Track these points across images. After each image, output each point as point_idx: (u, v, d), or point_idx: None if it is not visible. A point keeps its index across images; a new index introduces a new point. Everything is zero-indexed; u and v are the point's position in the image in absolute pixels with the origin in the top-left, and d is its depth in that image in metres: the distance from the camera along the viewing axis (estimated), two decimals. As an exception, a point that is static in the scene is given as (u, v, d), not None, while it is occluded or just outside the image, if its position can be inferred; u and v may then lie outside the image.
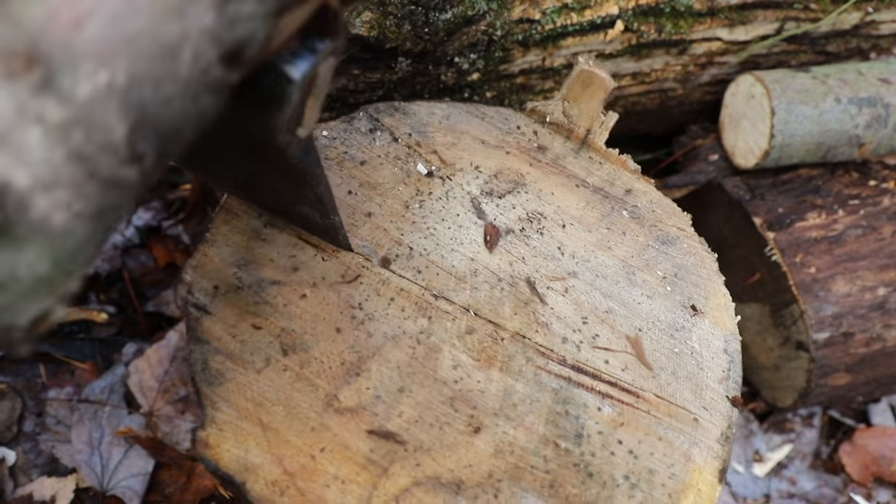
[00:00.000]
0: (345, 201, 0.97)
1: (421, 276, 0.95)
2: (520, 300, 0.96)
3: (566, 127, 1.11)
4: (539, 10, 1.30)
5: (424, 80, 1.33)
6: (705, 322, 1.00)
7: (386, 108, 1.07)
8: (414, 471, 0.83)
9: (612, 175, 1.10)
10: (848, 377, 1.47)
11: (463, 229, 0.99)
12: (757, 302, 1.55)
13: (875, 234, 1.46)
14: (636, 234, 1.05)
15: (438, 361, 0.90)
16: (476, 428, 0.87)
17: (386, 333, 0.90)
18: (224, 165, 0.85)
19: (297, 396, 0.85)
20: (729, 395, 0.96)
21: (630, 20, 1.37)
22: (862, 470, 1.64)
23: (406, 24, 1.18)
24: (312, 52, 0.63)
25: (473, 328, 0.93)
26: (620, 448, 0.89)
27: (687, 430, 0.92)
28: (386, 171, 1.02)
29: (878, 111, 1.45)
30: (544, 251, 1.00)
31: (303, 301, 0.90)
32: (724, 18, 1.44)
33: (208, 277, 0.90)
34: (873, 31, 1.57)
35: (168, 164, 0.56)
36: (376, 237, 0.96)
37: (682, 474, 0.89)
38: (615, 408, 0.91)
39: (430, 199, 1.01)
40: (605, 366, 0.94)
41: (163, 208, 1.66)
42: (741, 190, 1.53)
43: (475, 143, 1.07)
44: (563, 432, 0.89)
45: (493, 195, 1.03)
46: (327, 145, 1.01)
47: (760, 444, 1.69)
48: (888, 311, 1.43)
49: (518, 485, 0.85)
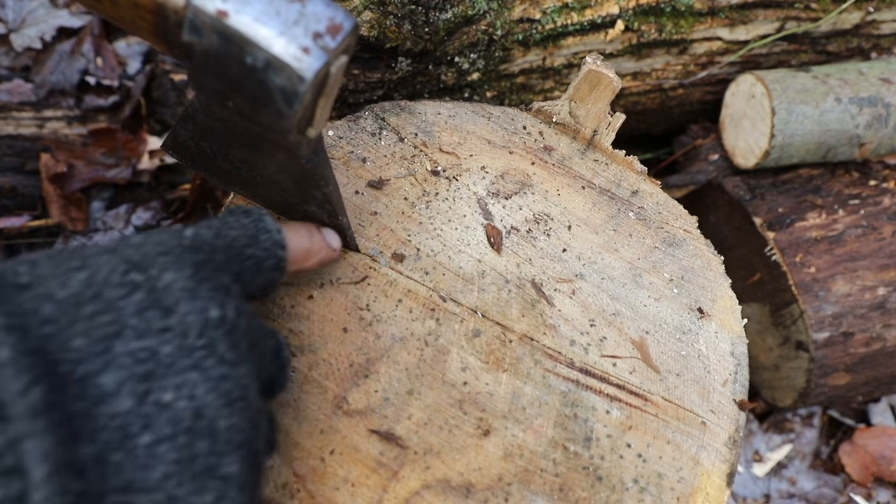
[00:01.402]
0: (351, 201, 0.97)
1: (428, 278, 0.94)
2: (527, 302, 0.95)
3: (572, 127, 1.10)
4: (539, 9, 1.30)
5: (424, 79, 1.32)
6: (712, 325, 1.00)
7: (392, 108, 1.06)
8: (423, 474, 0.83)
9: (618, 176, 1.09)
10: (848, 377, 1.47)
11: (470, 230, 0.99)
12: (757, 302, 1.55)
13: (875, 234, 1.46)
14: (643, 236, 1.05)
15: (447, 363, 0.89)
16: (485, 431, 0.86)
17: (394, 335, 0.89)
18: (232, 164, 0.84)
19: (306, 398, 0.84)
20: (736, 399, 0.95)
21: (630, 20, 1.36)
22: (862, 470, 1.65)
23: (406, 24, 1.17)
24: (324, 50, 0.63)
25: (481, 330, 0.92)
26: (629, 451, 0.89)
27: (695, 433, 0.91)
28: (392, 170, 1.01)
29: (879, 111, 1.45)
30: (551, 253, 1.00)
31: (310, 302, 0.90)
32: (724, 18, 1.43)
33: None
34: (874, 31, 1.57)
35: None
36: (383, 238, 0.95)
37: (691, 478, 0.89)
38: (623, 411, 0.91)
39: (436, 200, 1.00)
40: (613, 368, 0.93)
41: (162, 208, 1.65)
42: (741, 190, 1.53)
43: (481, 143, 1.06)
44: (572, 435, 0.88)
45: (499, 196, 1.02)
46: (333, 145, 1.01)
47: (760, 444, 1.69)
48: (888, 310, 1.43)
49: (528, 488, 0.84)
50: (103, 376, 0.55)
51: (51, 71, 1.65)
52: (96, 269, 0.59)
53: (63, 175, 1.57)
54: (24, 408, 0.49)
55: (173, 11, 0.63)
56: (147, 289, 0.60)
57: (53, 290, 0.57)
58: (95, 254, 0.61)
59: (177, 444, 0.56)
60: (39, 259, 0.60)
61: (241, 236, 0.72)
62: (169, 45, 0.68)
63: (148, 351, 0.57)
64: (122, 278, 0.60)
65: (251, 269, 0.72)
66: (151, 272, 0.61)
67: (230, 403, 0.60)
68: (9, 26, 1.66)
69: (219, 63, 0.63)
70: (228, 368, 0.60)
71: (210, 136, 0.81)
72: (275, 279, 0.76)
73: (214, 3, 0.60)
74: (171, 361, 0.58)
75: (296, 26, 0.62)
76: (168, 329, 0.59)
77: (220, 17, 0.60)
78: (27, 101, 1.62)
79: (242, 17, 0.60)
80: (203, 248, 0.67)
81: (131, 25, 0.69)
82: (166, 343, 0.58)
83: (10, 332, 0.51)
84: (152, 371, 0.57)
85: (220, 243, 0.70)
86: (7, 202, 1.59)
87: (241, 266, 0.71)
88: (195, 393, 0.58)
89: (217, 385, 0.59)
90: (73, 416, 0.53)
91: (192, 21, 0.61)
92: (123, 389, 0.55)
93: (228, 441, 0.59)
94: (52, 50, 1.67)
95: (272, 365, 0.73)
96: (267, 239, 0.74)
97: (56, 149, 1.59)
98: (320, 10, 0.63)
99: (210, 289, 0.63)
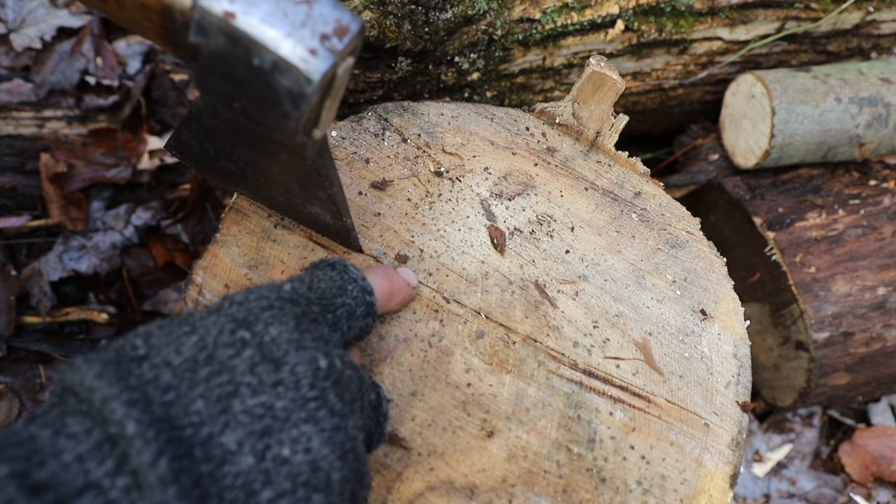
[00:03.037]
0: (355, 202, 0.96)
1: (432, 279, 0.94)
2: (531, 303, 0.95)
3: (575, 129, 1.10)
4: (539, 9, 1.29)
5: (424, 79, 1.32)
6: (715, 326, 1.00)
7: (395, 109, 1.06)
8: (427, 475, 0.83)
9: (621, 178, 1.09)
10: (848, 377, 1.47)
11: (473, 231, 0.98)
12: (757, 302, 1.55)
13: (875, 234, 1.46)
14: (645, 238, 1.04)
15: (450, 365, 0.89)
16: (489, 432, 0.86)
17: (398, 336, 0.89)
18: (236, 165, 0.84)
19: None
20: (739, 400, 0.95)
21: (630, 20, 1.36)
22: (862, 470, 1.65)
23: (406, 24, 1.17)
24: (331, 52, 0.63)
25: (485, 332, 0.92)
26: (633, 453, 0.89)
27: (698, 435, 0.91)
28: (395, 171, 1.01)
29: (879, 111, 1.45)
30: (554, 254, 1.00)
31: None
32: (724, 18, 1.43)
33: (218, 278, 0.89)
34: (874, 31, 1.57)
35: None
36: (387, 239, 0.95)
37: (694, 480, 0.89)
38: (627, 413, 0.91)
39: (439, 201, 1.00)
40: (617, 370, 0.93)
41: (162, 208, 1.64)
42: (741, 190, 1.53)
43: (484, 144, 1.06)
44: (576, 437, 0.88)
45: (502, 197, 1.02)
46: (336, 145, 1.00)
47: (760, 443, 1.69)
48: (888, 310, 1.43)
49: (531, 489, 0.84)
50: (225, 436, 0.57)
51: (51, 71, 1.64)
52: (206, 331, 0.62)
53: (63, 175, 1.57)
54: (155, 478, 0.52)
55: (180, 13, 0.63)
56: (256, 345, 0.62)
57: (170, 358, 0.60)
58: (202, 317, 0.64)
59: (296, 498, 0.58)
60: (152, 329, 0.62)
61: (331, 287, 0.75)
62: (175, 46, 0.68)
63: (263, 406, 0.60)
64: (231, 337, 0.62)
65: (345, 318, 0.75)
66: (257, 328, 0.64)
67: (343, 455, 0.61)
68: (9, 26, 1.66)
69: (225, 64, 0.63)
70: (339, 419, 0.62)
71: (214, 136, 0.81)
72: (368, 325, 0.79)
73: (221, 5, 0.60)
74: (287, 415, 0.60)
75: (303, 28, 0.62)
76: (280, 382, 0.61)
77: (227, 18, 0.60)
78: (27, 101, 1.61)
79: (249, 19, 0.60)
80: (300, 301, 0.69)
81: (137, 26, 0.68)
82: (280, 397, 0.60)
83: (134, 406, 0.54)
84: (270, 426, 0.59)
85: (314, 295, 0.72)
86: (7, 202, 1.59)
87: (336, 315, 0.74)
88: (311, 446, 0.60)
89: (331, 437, 0.61)
90: (201, 478, 0.55)
91: (198, 22, 0.61)
92: (245, 447, 0.57)
93: (342, 493, 0.61)
94: (52, 50, 1.66)
95: (370, 419, 0.75)
96: (354, 288, 0.77)
97: (56, 149, 1.58)
98: (327, 11, 0.63)
99: (313, 339, 0.66)
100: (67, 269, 1.55)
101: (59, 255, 1.55)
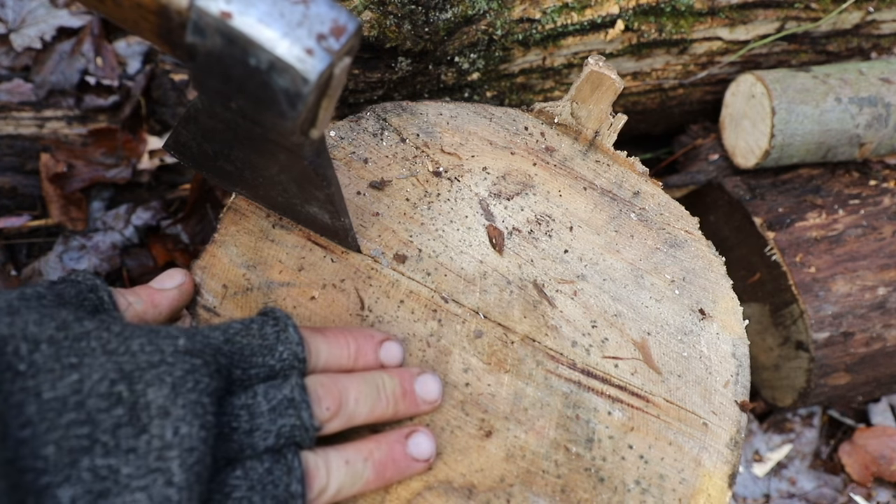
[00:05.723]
0: (353, 202, 0.97)
1: (430, 279, 0.94)
2: (529, 303, 0.95)
3: (574, 128, 1.10)
4: (539, 9, 1.29)
5: (424, 79, 1.32)
6: (713, 326, 1.00)
7: (393, 108, 1.06)
8: (426, 475, 0.83)
9: (619, 177, 1.09)
10: (848, 377, 1.47)
11: (472, 231, 0.99)
12: (757, 302, 1.55)
13: (875, 234, 1.46)
14: (644, 237, 1.04)
15: (449, 365, 0.89)
16: (487, 432, 0.86)
17: (396, 336, 0.89)
18: (234, 165, 0.84)
19: None
20: (737, 400, 0.95)
21: (630, 20, 1.36)
22: (862, 470, 1.65)
23: (406, 24, 1.17)
24: (328, 52, 0.63)
25: (483, 331, 0.92)
26: (631, 453, 0.89)
27: (697, 434, 0.91)
28: (394, 171, 1.01)
29: (879, 111, 1.45)
30: (553, 254, 1.00)
31: (312, 303, 0.90)
32: (724, 18, 1.43)
33: (217, 278, 0.89)
34: (874, 31, 1.57)
35: None
36: (385, 239, 0.95)
37: (693, 479, 0.89)
38: (625, 412, 0.91)
39: (438, 201, 1.00)
40: (615, 370, 0.93)
41: (162, 208, 1.64)
42: (741, 190, 1.53)
43: (483, 143, 1.06)
44: (574, 437, 0.88)
45: (501, 197, 1.02)
46: (335, 145, 1.01)
47: (760, 443, 1.69)
48: (888, 310, 1.43)
49: (530, 489, 0.84)
50: (62, 490, 0.55)
51: (51, 71, 1.65)
52: (89, 372, 0.60)
53: (63, 175, 1.57)
54: None
55: (177, 13, 0.63)
56: (129, 405, 0.60)
57: (42, 388, 0.58)
58: (94, 350, 0.62)
59: None
60: (42, 340, 0.60)
61: (254, 345, 0.73)
62: (172, 47, 0.68)
63: (110, 469, 0.58)
64: (108, 388, 0.60)
65: (262, 377, 0.72)
66: (137, 387, 0.61)
67: None
68: (9, 26, 1.66)
69: (222, 64, 0.63)
70: (175, 492, 0.60)
71: (212, 136, 0.81)
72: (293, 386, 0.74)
73: (218, 5, 0.60)
74: (128, 482, 0.58)
75: (300, 28, 0.62)
76: (133, 450, 0.59)
77: (223, 18, 0.60)
78: (27, 101, 1.61)
79: (246, 19, 0.60)
80: (204, 352, 0.67)
81: (134, 26, 0.69)
82: (128, 463, 0.58)
83: None
84: (108, 489, 0.57)
85: (228, 348, 0.70)
86: (7, 202, 1.59)
87: (247, 374, 0.71)
88: None
89: None
90: None
91: (195, 22, 0.61)
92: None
93: None
94: (52, 50, 1.67)
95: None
96: (284, 350, 0.74)
97: (56, 149, 1.59)
98: (324, 11, 0.63)
99: (184, 405, 0.62)
100: (67, 269, 1.55)
101: (59, 256, 1.55)
